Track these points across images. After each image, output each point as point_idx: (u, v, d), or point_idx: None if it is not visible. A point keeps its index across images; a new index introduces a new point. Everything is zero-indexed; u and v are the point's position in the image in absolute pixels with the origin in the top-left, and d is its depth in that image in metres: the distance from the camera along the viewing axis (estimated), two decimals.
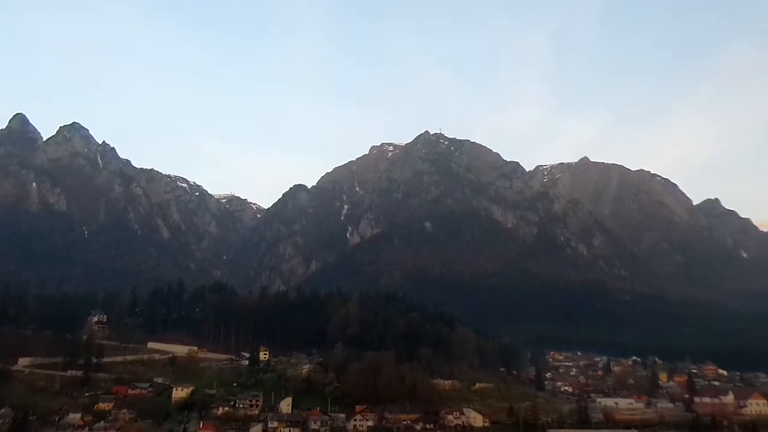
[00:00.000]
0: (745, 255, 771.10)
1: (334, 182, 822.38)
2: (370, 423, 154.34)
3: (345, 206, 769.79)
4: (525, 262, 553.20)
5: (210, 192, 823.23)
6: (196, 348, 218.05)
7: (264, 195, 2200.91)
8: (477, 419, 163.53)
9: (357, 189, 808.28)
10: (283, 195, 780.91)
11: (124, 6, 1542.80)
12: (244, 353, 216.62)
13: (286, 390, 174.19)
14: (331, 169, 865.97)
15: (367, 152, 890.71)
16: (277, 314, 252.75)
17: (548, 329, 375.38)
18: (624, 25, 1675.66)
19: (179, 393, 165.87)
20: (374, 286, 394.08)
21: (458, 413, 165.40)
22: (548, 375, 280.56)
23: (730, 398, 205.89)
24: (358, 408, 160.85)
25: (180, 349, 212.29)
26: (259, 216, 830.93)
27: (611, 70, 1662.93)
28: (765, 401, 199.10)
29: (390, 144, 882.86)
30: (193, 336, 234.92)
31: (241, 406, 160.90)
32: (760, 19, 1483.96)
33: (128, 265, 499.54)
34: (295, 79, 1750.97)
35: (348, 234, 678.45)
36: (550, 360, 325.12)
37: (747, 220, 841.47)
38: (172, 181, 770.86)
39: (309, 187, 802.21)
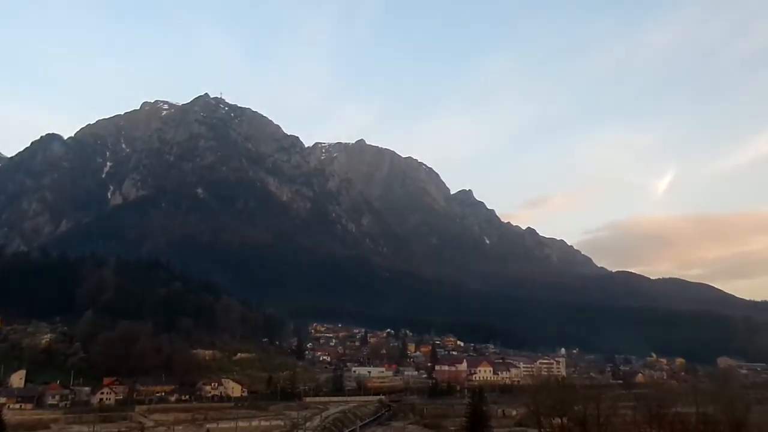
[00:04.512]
0: (488, 242, 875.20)
1: (97, 135, 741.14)
2: (120, 396, 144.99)
3: (108, 163, 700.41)
4: (296, 235, 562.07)
5: None
6: None
7: (6, 141, 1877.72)
8: (235, 389, 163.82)
9: (123, 146, 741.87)
10: (31, 144, 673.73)
11: None
12: None
13: (20, 362, 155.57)
14: (94, 121, 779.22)
15: (138, 108, 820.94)
16: (14, 277, 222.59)
17: (313, 302, 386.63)
18: (404, 21, 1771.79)
19: None
20: (136, 251, 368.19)
21: (216, 384, 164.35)
22: (309, 345, 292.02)
23: (463, 366, 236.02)
24: (106, 380, 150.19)
25: None
26: None
27: (391, 60, 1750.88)
28: (490, 369, 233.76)
29: (165, 102, 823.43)
30: None
31: None
32: (515, 34, 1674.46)
33: None
34: (55, 18, 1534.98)
35: (109, 194, 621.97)
36: (312, 331, 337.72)
37: (492, 212, 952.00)
38: None
39: (65, 138, 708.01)
